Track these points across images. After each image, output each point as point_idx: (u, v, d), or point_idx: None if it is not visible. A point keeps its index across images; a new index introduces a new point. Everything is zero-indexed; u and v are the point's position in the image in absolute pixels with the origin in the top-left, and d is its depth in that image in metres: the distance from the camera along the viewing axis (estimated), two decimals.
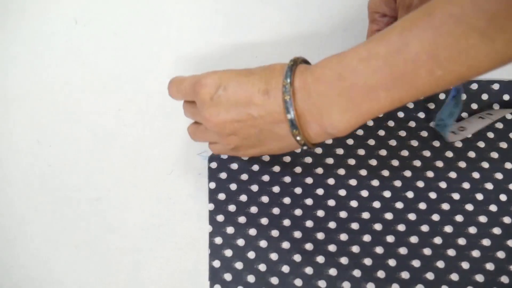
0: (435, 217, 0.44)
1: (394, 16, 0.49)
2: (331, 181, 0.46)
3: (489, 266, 0.42)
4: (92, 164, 0.49)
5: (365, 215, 0.44)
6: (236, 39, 0.55)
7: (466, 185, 0.45)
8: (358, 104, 0.36)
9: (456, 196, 0.45)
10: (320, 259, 0.43)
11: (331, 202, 0.45)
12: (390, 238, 0.43)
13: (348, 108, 0.36)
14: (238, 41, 0.55)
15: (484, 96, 0.50)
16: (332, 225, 0.44)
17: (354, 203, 0.45)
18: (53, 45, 0.56)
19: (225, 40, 0.55)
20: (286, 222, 0.44)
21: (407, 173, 0.46)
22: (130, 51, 0.55)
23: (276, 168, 0.47)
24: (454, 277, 0.42)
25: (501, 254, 0.42)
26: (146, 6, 0.57)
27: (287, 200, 0.45)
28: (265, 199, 0.46)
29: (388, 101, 0.35)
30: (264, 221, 0.45)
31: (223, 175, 0.47)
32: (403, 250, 0.43)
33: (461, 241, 0.43)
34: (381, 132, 0.49)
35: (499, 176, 0.46)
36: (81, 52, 0.55)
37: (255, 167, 0.47)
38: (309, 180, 0.46)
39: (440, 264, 0.42)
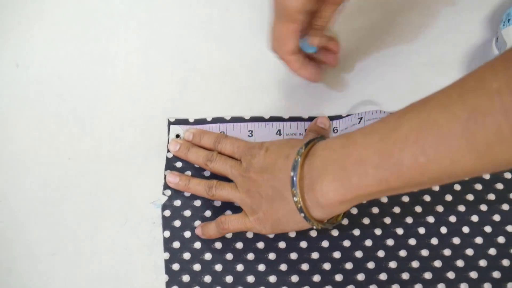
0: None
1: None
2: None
3: None
4: (44, 218, 0.49)
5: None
6: (186, 79, 0.56)
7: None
8: (348, 175, 0.38)
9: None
10: None
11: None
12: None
13: (339, 177, 0.39)
14: (189, 84, 0.55)
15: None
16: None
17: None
18: None
19: (173, 79, 0.55)
20: (239, 267, 0.47)
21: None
22: (75, 95, 0.54)
23: (228, 213, 0.49)
24: None
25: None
26: (90, 47, 0.57)
27: (239, 245, 0.47)
28: (218, 245, 0.47)
29: (375, 180, 0.37)
30: (218, 267, 0.47)
31: (177, 223, 0.48)
32: None
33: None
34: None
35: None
36: (24, 97, 0.54)
37: (208, 213, 0.49)
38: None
39: None
